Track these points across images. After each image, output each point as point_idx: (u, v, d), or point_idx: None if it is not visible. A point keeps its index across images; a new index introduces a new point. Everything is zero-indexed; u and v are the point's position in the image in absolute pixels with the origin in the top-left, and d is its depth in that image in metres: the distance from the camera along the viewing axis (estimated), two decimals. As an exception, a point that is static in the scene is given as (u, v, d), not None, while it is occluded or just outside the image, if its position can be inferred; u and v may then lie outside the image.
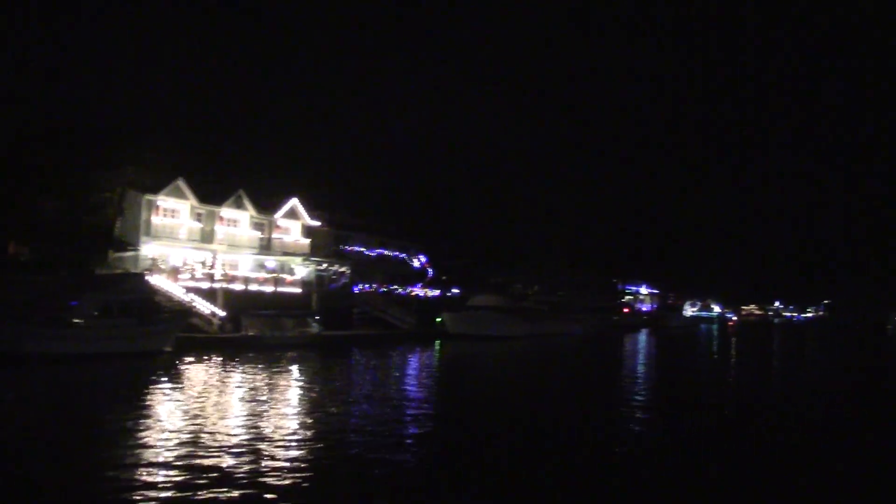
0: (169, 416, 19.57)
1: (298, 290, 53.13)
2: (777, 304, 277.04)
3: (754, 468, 15.76)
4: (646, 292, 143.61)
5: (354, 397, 24.28)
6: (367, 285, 60.94)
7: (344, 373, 32.28)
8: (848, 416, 24.82)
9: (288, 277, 53.72)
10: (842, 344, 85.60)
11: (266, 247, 54.75)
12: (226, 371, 30.10)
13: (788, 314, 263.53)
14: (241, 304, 47.07)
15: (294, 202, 56.84)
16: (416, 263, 71.90)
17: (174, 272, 45.78)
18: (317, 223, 58.74)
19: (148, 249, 46.82)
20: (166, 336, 36.15)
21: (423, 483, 13.94)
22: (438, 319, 59.91)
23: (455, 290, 74.29)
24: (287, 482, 13.17)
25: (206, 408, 20.72)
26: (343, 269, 60.61)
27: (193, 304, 43.04)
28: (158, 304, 38.95)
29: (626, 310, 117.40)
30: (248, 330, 44.08)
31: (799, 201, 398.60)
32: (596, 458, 16.61)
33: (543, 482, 14.13)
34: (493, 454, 16.47)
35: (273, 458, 14.89)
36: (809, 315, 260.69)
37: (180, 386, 25.44)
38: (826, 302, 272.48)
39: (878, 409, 27.49)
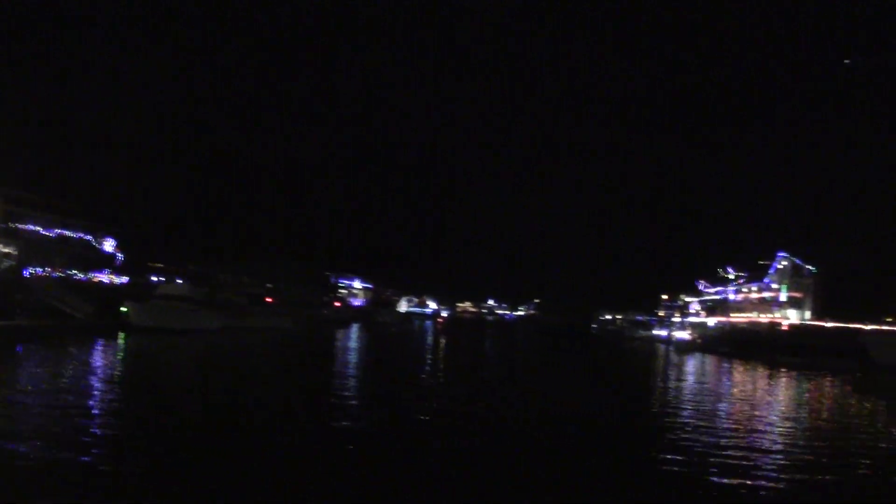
0: None
1: (-52, 272, 46.34)
2: (491, 301, 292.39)
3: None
4: (360, 287, 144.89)
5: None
6: (40, 269, 54.69)
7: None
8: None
9: (-66, 257, 46.62)
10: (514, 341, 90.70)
11: (-89, 220, 47.18)
12: None
13: (501, 312, 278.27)
14: None
15: (-49, 171, 49.57)
16: (105, 247, 65.95)
17: None
18: (-20, 196, 51.63)
19: None
20: None
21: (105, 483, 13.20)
22: (124, 310, 55.03)
23: (154, 278, 69.53)
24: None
25: None
26: (9, 250, 53.78)
27: None
28: None
29: (337, 304, 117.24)
30: None
31: (509, 204, 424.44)
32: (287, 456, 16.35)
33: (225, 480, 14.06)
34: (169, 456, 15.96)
35: None
36: (521, 313, 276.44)
37: None
38: (537, 301, 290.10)
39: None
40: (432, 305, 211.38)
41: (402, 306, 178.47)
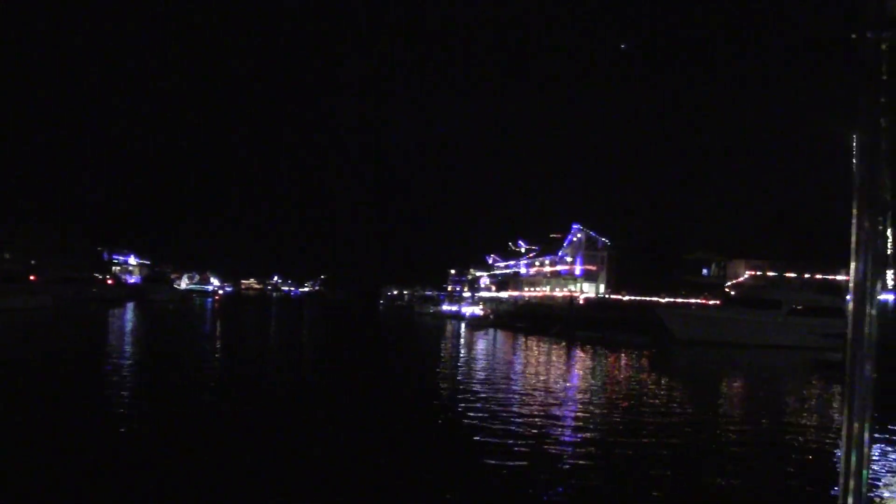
0: None
1: None
2: (276, 278, 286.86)
3: None
4: (135, 262, 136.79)
5: None
6: None
7: None
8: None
9: None
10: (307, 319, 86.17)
11: None
12: None
13: (286, 288, 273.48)
14: None
15: None
16: None
17: None
18: None
19: None
20: None
21: None
22: None
23: None
24: None
25: None
26: None
27: None
28: None
29: (110, 281, 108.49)
30: None
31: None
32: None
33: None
34: None
35: None
36: (307, 289, 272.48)
37: None
38: (322, 277, 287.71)
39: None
40: (215, 282, 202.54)
41: (184, 283, 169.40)
